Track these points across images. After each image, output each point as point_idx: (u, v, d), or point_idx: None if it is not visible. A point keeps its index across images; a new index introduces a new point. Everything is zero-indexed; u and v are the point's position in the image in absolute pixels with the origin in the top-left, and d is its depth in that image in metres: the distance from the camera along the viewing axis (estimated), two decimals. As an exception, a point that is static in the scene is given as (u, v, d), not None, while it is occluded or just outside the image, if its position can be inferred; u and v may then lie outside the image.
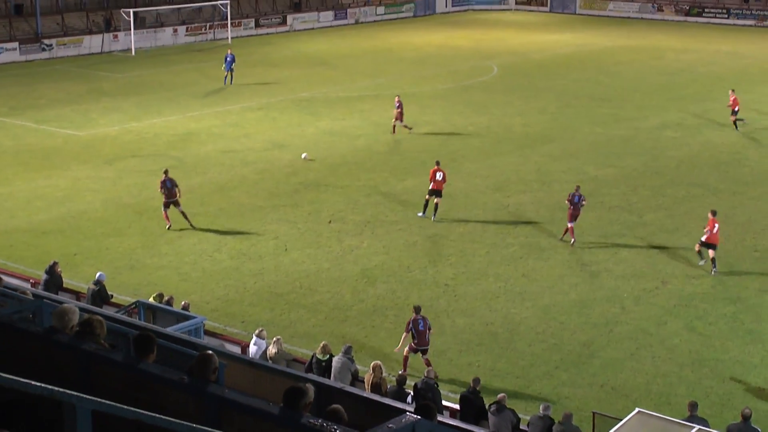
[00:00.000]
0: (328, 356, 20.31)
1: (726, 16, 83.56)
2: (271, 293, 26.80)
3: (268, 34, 76.48)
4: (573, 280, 27.63)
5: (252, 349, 21.27)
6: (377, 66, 62.33)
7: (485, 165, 39.09)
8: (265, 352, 20.89)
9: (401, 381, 19.21)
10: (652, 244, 30.44)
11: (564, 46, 70.94)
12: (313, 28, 79.68)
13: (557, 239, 30.57)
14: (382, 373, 19.30)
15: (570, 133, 44.37)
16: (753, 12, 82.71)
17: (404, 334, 22.33)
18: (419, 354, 22.02)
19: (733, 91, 44.86)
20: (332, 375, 19.83)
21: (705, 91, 53.94)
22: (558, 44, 71.99)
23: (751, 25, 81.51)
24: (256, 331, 21.71)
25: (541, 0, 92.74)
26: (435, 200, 32.46)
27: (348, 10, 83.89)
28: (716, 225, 28.11)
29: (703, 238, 28.19)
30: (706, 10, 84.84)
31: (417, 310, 22.40)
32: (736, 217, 32.90)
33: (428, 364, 21.43)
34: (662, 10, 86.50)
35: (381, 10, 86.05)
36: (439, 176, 32.40)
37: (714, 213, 28.62)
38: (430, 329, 22.29)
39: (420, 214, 32.87)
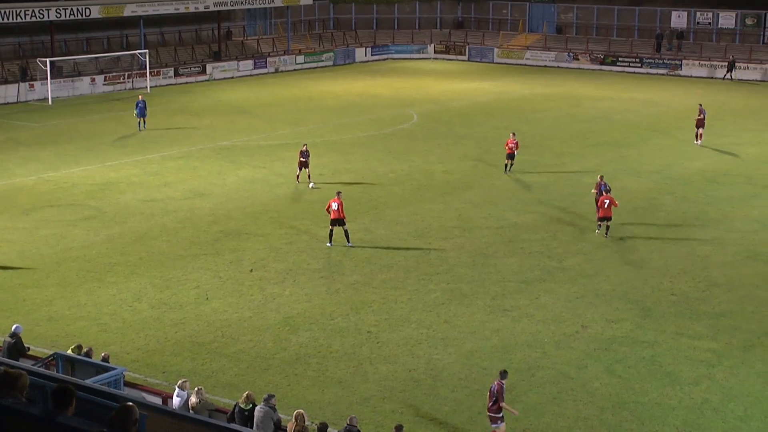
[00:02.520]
0: (250, 405, 20.16)
1: (639, 65, 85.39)
2: (193, 343, 26.53)
3: (187, 83, 76.29)
4: (494, 325, 27.81)
5: (175, 401, 21.00)
6: (298, 114, 62.48)
7: (406, 212, 39.30)
8: (186, 402, 20.64)
9: (323, 429, 19.13)
10: (572, 288, 30.80)
11: (483, 94, 71.84)
12: (233, 77, 79.67)
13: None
14: (304, 422, 19.20)
15: (490, 180, 44.83)
16: (665, 61, 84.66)
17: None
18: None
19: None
20: (255, 424, 19.68)
21: (621, 138, 54.94)
22: (477, 92, 72.89)
23: (663, 74, 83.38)
24: (179, 383, 21.45)
25: (460, 49, 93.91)
26: (340, 228, 34.32)
27: (268, 59, 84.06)
28: (606, 201, 35.44)
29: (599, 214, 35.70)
30: (620, 59, 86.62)
31: (502, 375, 21.35)
32: (653, 262, 33.45)
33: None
34: (578, 59, 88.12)
35: (301, 59, 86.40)
36: (335, 206, 34.17)
37: (608, 191, 36.27)
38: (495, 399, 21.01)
39: (328, 244, 34.50)
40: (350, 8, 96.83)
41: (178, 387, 21.25)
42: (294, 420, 19.19)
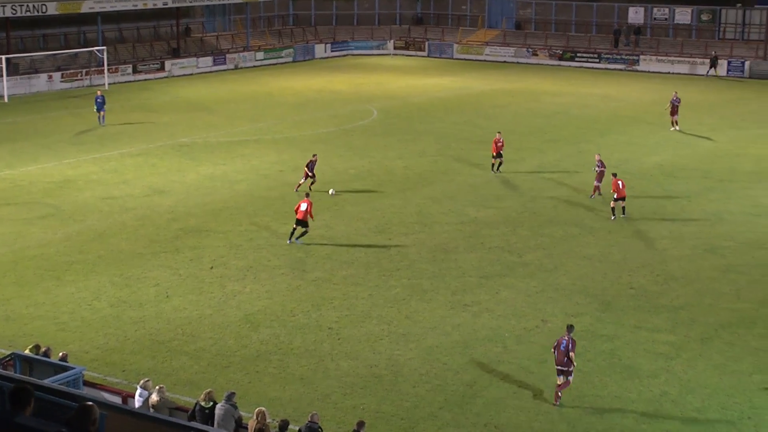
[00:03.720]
0: (211, 403, 20.10)
1: (597, 60, 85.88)
2: (153, 341, 26.42)
3: (146, 80, 75.81)
4: (455, 320, 27.90)
5: (137, 400, 20.90)
6: (258, 110, 62.29)
7: (367, 208, 39.32)
8: (147, 400, 20.54)
9: (284, 426, 19.11)
10: (532, 283, 30.96)
11: (442, 90, 71.98)
12: (192, 74, 79.26)
13: (451, 270, 30.90)
14: (266, 419, 19.17)
15: (450, 176, 44.95)
16: (623, 56, 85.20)
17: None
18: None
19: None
20: (215, 422, 19.62)
21: (579, 133, 55.27)
22: (436, 88, 73.01)
23: (620, 69, 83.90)
24: (141, 382, 21.34)
25: (419, 45, 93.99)
26: (300, 229, 34.42)
27: (227, 55, 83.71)
28: (620, 182, 37.26)
29: (615, 196, 37.37)
30: (578, 54, 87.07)
31: (569, 329, 23.38)
32: (612, 256, 33.70)
33: (563, 386, 22.94)
34: (537, 55, 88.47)
35: (260, 55, 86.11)
36: (303, 207, 34.20)
37: (615, 174, 38.06)
38: (571, 351, 22.87)
39: (288, 241, 34.57)
40: (310, 4, 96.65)
41: (140, 386, 21.14)
42: (255, 417, 19.16)
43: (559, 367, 22.96)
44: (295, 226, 34.57)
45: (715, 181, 44.02)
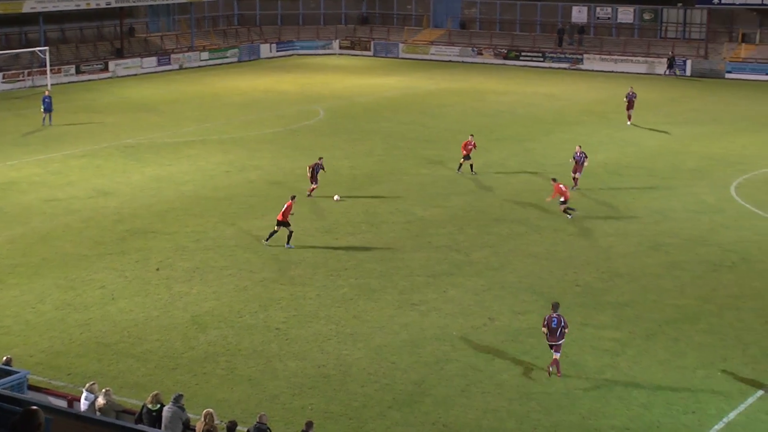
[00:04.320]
0: (158, 406, 19.98)
1: (542, 59, 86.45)
2: (99, 344, 26.20)
3: (90, 80, 75.10)
4: (403, 319, 27.97)
5: (83, 403, 20.71)
6: (203, 111, 61.95)
7: (314, 208, 39.26)
8: (93, 404, 20.36)
9: (232, 428, 19.05)
10: (479, 281, 31.11)
11: (389, 90, 72.06)
12: (136, 74, 78.63)
13: (391, 276, 30.94)
14: (213, 421, 19.10)
15: (397, 175, 45.03)
16: (567, 56, 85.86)
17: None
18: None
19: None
20: (163, 425, 19.52)
21: (525, 132, 55.61)
22: (383, 88, 73.08)
23: (565, 68, 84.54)
24: (87, 386, 21.14)
25: (365, 44, 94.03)
26: (281, 229, 34.06)
27: (172, 55, 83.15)
28: (561, 186, 37.40)
29: (562, 199, 37.30)
30: (523, 53, 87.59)
31: (554, 307, 24.68)
32: (558, 253, 33.97)
33: (554, 363, 24.28)
34: (482, 54, 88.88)
35: (205, 55, 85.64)
36: (284, 207, 34.01)
37: (555, 179, 38.34)
38: (564, 328, 24.34)
39: (264, 241, 34.39)
40: (254, 4, 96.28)
41: (86, 390, 20.94)
42: (203, 419, 19.08)
43: (551, 343, 24.29)
44: (276, 228, 34.24)
45: (658, 179, 44.50)
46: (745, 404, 23.12)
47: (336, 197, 40.15)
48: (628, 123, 57.40)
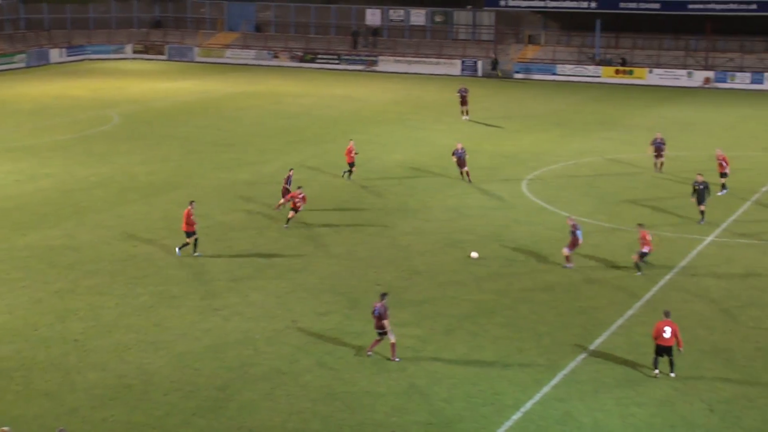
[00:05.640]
0: (-50, 426, 19.16)
1: (337, 61, 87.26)
2: None
3: None
4: (205, 325, 27.72)
5: None
6: (-10, 118, 59.71)
7: (111, 215, 38.44)
8: None
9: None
10: (282, 284, 31.13)
11: (185, 94, 71.22)
12: None
13: (205, 279, 30.59)
14: (11, 438, 18.49)
15: (195, 180, 44.56)
16: (362, 57, 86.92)
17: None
18: None
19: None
20: (-44, 446, 18.74)
21: (323, 134, 55.98)
22: (179, 92, 72.17)
23: (360, 70, 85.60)
24: None
25: (159, 49, 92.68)
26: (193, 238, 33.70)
27: (-45, 60, 79.83)
28: (648, 236, 32.01)
29: (645, 250, 31.96)
30: (318, 56, 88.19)
31: (381, 297, 25.64)
32: (359, 253, 34.33)
33: (376, 344, 25.76)
34: (278, 57, 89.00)
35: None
36: (189, 217, 33.34)
37: (641, 225, 33.00)
38: (380, 317, 25.33)
39: (177, 248, 33.81)
40: (42, 8, 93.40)
41: None
42: (-1, 437, 18.45)
43: (378, 330, 25.52)
44: (187, 239, 33.61)
45: (452, 178, 45.51)
46: (540, 393, 23.95)
47: (474, 254, 34.32)
48: (464, 118, 61.09)
